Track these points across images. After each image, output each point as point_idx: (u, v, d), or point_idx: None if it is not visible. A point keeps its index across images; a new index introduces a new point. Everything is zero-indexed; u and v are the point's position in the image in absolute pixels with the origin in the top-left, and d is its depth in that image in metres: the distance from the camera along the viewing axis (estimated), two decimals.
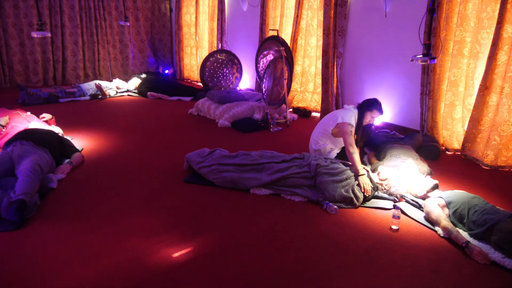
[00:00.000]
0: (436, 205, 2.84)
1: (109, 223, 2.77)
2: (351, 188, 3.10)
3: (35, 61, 7.96)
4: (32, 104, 6.22)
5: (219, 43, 7.80)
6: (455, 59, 4.26)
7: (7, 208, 2.65)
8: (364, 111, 3.54)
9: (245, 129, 5.14)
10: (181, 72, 9.21)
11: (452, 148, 4.47)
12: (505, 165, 3.93)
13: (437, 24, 4.24)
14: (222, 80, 7.23)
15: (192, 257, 2.39)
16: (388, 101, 5.16)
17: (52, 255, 2.38)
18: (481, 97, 3.98)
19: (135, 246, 2.49)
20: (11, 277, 2.18)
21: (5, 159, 3.23)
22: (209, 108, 5.80)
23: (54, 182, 3.31)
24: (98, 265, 2.30)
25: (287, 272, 2.29)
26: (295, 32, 6.10)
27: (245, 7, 7.34)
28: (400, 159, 3.58)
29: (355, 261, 2.41)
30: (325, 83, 5.64)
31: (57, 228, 2.69)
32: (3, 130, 4.03)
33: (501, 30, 3.72)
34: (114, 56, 8.89)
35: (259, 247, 2.53)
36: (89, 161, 3.96)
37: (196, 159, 3.59)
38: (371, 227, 2.81)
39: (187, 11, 8.82)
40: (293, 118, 5.83)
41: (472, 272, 2.34)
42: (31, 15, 7.76)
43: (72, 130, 4.89)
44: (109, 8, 8.56)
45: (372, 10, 5.18)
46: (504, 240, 2.43)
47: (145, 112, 6.16)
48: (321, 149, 3.74)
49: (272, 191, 3.27)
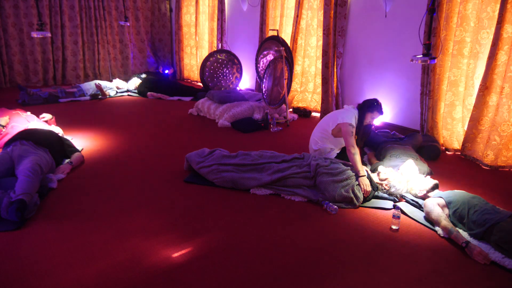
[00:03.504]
0: (436, 205, 2.83)
1: (109, 223, 2.77)
2: (351, 188, 3.10)
3: (35, 61, 7.95)
4: (32, 104, 6.22)
5: (219, 43, 7.80)
6: (455, 59, 4.26)
7: (7, 208, 2.66)
8: (365, 112, 3.54)
9: (245, 129, 5.14)
10: (181, 72, 9.21)
11: (452, 148, 4.48)
12: (505, 165, 3.93)
13: (437, 24, 4.24)
14: (222, 80, 7.23)
15: (192, 257, 2.39)
16: (388, 101, 5.16)
17: (52, 255, 2.38)
18: (481, 97, 3.98)
19: (135, 246, 2.49)
20: (11, 277, 2.18)
21: (5, 159, 3.23)
22: (209, 108, 5.80)
23: (54, 182, 3.31)
24: (98, 265, 2.30)
25: (287, 272, 2.29)
26: (295, 32, 6.10)
27: (245, 7, 7.34)
28: (400, 159, 3.58)
29: (355, 261, 2.41)
30: (325, 83, 5.64)
31: (57, 228, 2.69)
32: (3, 130, 4.03)
33: (501, 30, 3.72)
34: (114, 56, 8.89)
35: (259, 247, 2.53)
36: (89, 161, 3.96)
37: (196, 159, 3.59)
38: (371, 227, 2.81)
39: (187, 11, 8.82)
40: (293, 118, 5.83)
41: (472, 272, 2.34)
42: (31, 15, 7.76)
43: (72, 130, 4.89)
44: (109, 8, 8.56)
45: (372, 10, 5.18)
46: (504, 240, 2.43)
47: (145, 112, 6.16)
48: (321, 149, 3.74)
49: (272, 191, 3.27)
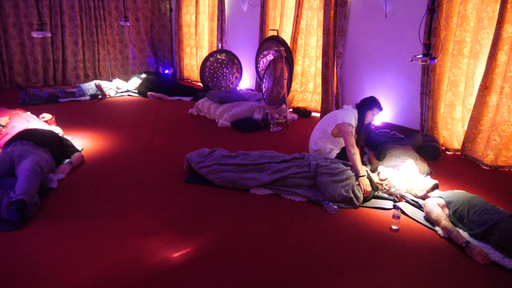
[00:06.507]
0: (436, 205, 2.83)
1: (109, 223, 2.77)
2: (351, 188, 3.10)
3: (35, 61, 7.96)
4: (32, 104, 6.22)
5: (219, 43, 7.80)
6: (455, 59, 4.26)
7: (7, 208, 2.66)
8: (365, 111, 3.53)
9: (245, 129, 5.14)
10: (181, 72, 9.21)
11: (452, 148, 4.48)
12: (505, 165, 3.93)
13: (437, 24, 4.24)
14: (222, 80, 7.23)
15: (192, 257, 2.39)
16: (388, 101, 5.16)
17: (52, 255, 2.38)
18: (481, 97, 3.98)
19: (135, 246, 2.49)
20: (11, 277, 2.18)
21: (5, 159, 3.23)
22: (209, 108, 5.80)
23: (54, 182, 3.31)
24: (98, 265, 2.29)
25: (287, 272, 2.29)
26: (295, 32, 6.10)
27: (245, 7, 7.34)
28: (400, 159, 3.58)
29: (355, 261, 2.41)
30: (325, 83, 5.64)
31: (57, 228, 2.69)
32: (3, 130, 4.03)
33: (501, 30, 3.72)
34: (114, 56, 8.89)
35: (259, 247, 2.53)
36: (89, 161, 3.96)
37: (196, 159, 3.59)
38: (371, 227, 2.81)
39: (187, 11, 8.82)
40: (293, 118, 5.83)
41: (472, 272, 2.34)
42: (31, 15, 7.76)
43: (72, 130, 4.89)
44: (109, 8, 8.56)
45: (372, 10, 5.18)
46: (504, 240, 2.43)
47: (145, 112, 6.16)
48: (321, 149, 3.74)
49: (272, 191, 3.27)
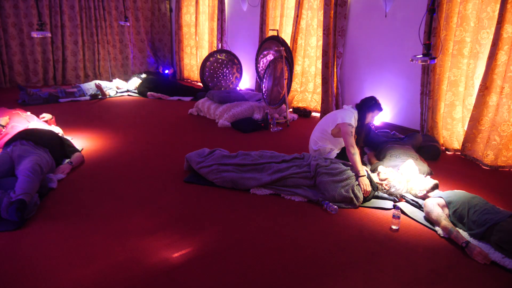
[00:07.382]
0: (436, 205, 2.83)
1: (109, 223, 2.77)
2: (351, 188, 3.10)
3: (35, 61, 7.95)
4: (32, 104, 6.22)
5: (219, 43, 7.80)
6: (455, 59, 4.26)
7: (7, 208, 2.65)
8: (365, 112, 3.53)
9: (245, 129, 5.14)
10: (181, 72, 9.21)
11: (452, 148, 4.48)
12: (505, 165, 3.93)
13: (437, 24, 4.24)
14: (222, 80, 7.23)
15: (192, 257, 2.39)
16: (388, 101, 5.16)
17: (52, 255, 2.38)
18: (481, 97, 3.98)
19: (135, 246, 2.49)
20: (11, 277, 2.18)
21: (5, 159, 3.23)
22: (209, 108, 5.80)
23: (54, 182, 3.31)
24: (98, 265, 2.29)
25: (287, 272, 2.29)
26: (295, 32, 6.10)
27: (245, 7, 7.34)
28: (400, 159, 3.58)
29: (355, 261, 2.41)
30: (325, 83, 5.64)
31: (57, 228, 2.69)
32: (3, 130, 4.03)
33: (501, 30, 3.72)
34: (114, 56, 8.89)
35: (259, 247, 2.53)
36: (89, 161, 3.96)
37: (196, 159, 3.59)
38: (371, 227, 2.81)
39: (187, 11, 8.82)
40: (293, 118, 5.83)
41: (472, 272, 2.33)
42: (31, 15, 7.76)
43: (72, 130, 4.89)
44: (109, 8, 8.56)
45: (372, 10, 5.18)
46: (504, 240, 2.43)
47: (145, 112, 6.16)
48: (321, 149, 3.74)
49: (272, 191, 3.27)
